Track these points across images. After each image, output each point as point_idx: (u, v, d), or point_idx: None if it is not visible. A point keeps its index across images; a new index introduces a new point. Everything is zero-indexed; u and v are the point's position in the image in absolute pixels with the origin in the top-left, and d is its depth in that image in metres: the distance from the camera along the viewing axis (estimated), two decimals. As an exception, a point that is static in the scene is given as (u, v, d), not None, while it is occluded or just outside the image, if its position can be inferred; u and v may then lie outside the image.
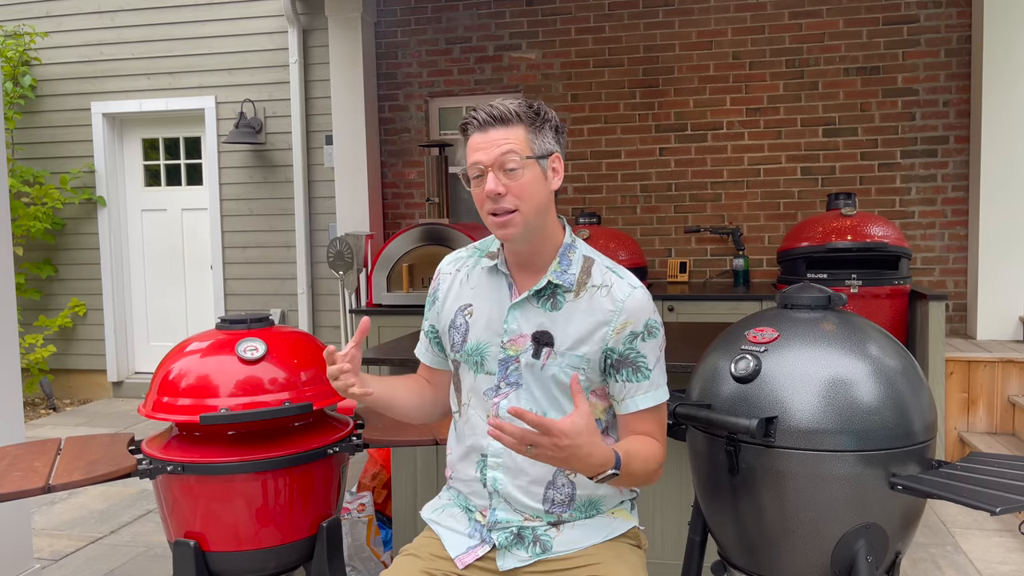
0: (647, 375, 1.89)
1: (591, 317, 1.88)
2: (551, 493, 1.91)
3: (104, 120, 7.65)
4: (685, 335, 3.68)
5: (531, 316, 1.91)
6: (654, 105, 6.72)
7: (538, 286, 1.90)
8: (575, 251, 1.95)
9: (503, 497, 1.93)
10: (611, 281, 1.91)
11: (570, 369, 1.87)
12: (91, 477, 2.30)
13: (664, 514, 3.28)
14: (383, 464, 4.09)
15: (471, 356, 1.96)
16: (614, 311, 1.87)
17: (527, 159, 1.82)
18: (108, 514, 4.71)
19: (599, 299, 1.89)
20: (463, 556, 1.94)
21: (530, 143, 1.84)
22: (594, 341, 1.87)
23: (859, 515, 1.93)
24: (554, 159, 1.88)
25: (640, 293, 1.90)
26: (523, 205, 1.83)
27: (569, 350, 1.87)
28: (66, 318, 7.64)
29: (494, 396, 1.93)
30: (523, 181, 1.82)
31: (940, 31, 6.21)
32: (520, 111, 1.84)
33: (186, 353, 2.48)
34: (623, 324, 1.87)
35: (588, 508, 1.95)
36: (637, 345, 1.88)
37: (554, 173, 1.88)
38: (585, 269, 1.92)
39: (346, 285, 6.18)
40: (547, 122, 1.87)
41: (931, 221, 6.31)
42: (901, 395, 1.95)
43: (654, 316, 1.90)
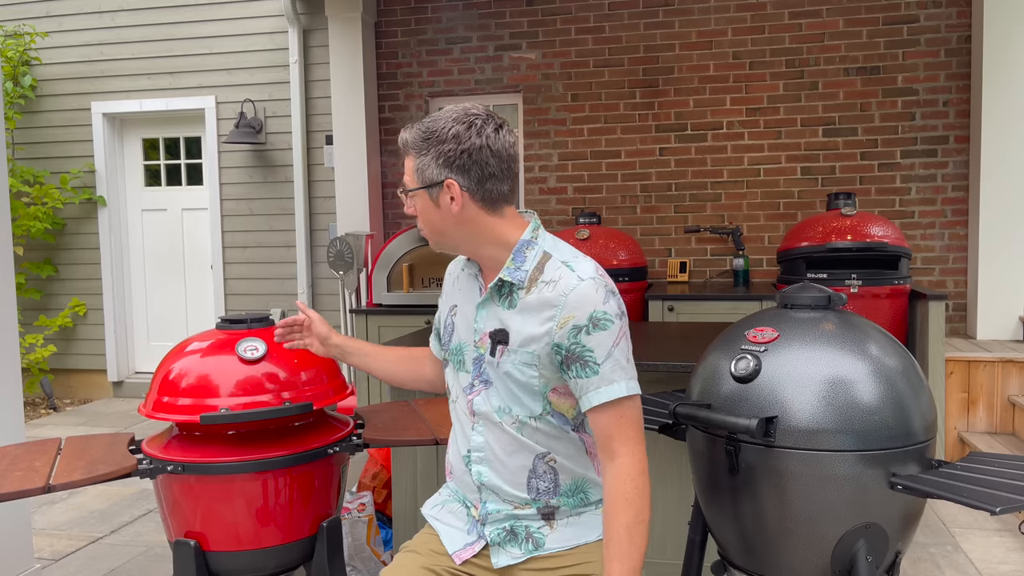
0: (596, 370, 1.81)
1: (539, 313, 1.85)
2: (534, 482, 1.93)
3: (104, 120, 7.65)
4: (685, 335, 3.68)
5: (493, 314, 1.93)
6: (654, 105, 6.72)
7: (492, 284, 1.92)
8: (533, 247, 1.91)
9: (491, 489, 1.96)
10: (560, 276, 1.86)
11: (522, 366, 1.87)
12: (91, 477, 2.30)
13: (664, 514, 3.28)
14: (383, 464, 4.09)
15: (455, 355, 2.01)
16: (557, 306, 1.83)
17: (414, 191, 1.90)
18: (108, 514, 4.71)
19: (545, 294, 1.85)
20: (460, 552, 1.98)
21: (417, 174, 1.88)
22: (540, 338, 1.85)
23: (859, 515, 1.93)
24: (446, 186, 1.85)
25: (586, 285, 1.83)
26: (424, 226, 1.94)
27: (520, 347, 1.87)
28: (66, 318, 7.64)
29: (469, 393, 1.97)
30: (418, 208, 1.92)
31: (940, 31, 6.21)
32: (410, 139, 1.88)
33: (186, 353, 2.48)
34: (566, 318, 1.82)
35: (575, 492, 1.96)
36: (582, 339, 1.81)
37: (451, 201, 1.86)
38: (539, 265, 1.89)
39: (346, 285, 6.18)
40: (432, 149, 1.85)
41: (931, 221, 6.31)
42: (901, 395, 1.95)
43: (602, 308, 1.82)
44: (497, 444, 1.93)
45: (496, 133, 1.85)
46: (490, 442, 1.94)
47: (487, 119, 1.85)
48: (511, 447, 1.91)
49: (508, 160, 1.87)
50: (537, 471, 1.93)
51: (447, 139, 1.83)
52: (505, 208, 1.91)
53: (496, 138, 1.84)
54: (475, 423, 1.96)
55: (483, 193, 1.86)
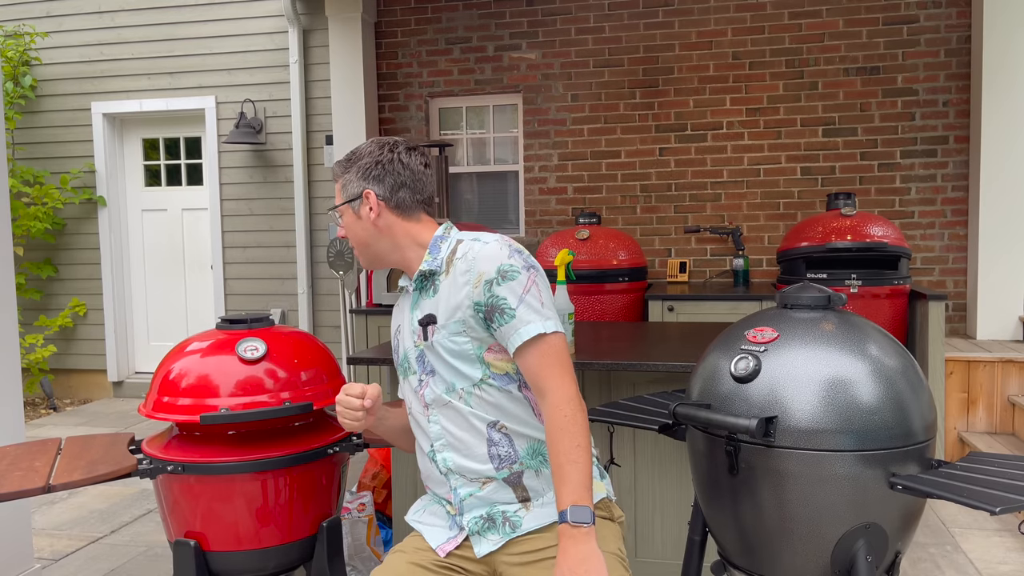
0: (512, 314, 1.96)
1: (456, 283, 2.02)
2: (494, 450, 2.02)
3: (104, 120, 7.65)
4: (685, 335, 3.68)
5: (424, 308, 2.08)
6: (654, 105, 6.72)
7: (415, 279, 2.10)
8: (447, 240, 2.10)
9: (457, 472, 2.05)
10: (468, 248, 2.03)
11: (453, 336, 2.01)
12: (91, 477, 2.30)
13: (664, 514, 3.28)
14: (383, 464, 4.09)
15: (402, 366, 2.16)
16: (468, 270, 2.00)
17: (339, 207, 2.13)
18: (108, 514, 4.71)
19: (459, 266, 2.03)
20: (443, 545, 2.06)
21: (342, 192, 2.13)
22: (462, 303, 2.00)
23: (859, 515, 1.93)
24: (365, 196, 2.09)
25: (491, 246, 2.01)
26: (354, 242, 2.14)
27: (448, 319, 2.02)
28: (66, 318, 7.64)
29: (420, 388, 2.09)
30: (345, 226, 2.14)
31: (940, 31, 6.22)
32: (338, 166, 2.14)
33: (186, 353, 2.48)
34: (479, 277, 1.98)
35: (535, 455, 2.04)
36: (495, 290, 1.97)
37: (370, 210, 2.09)
38: (453, 250, 2.07)
39: (346, 285, 6.18)
40: (353, 166, 2.12)
41: (931, 221, 6.31)
42: (901, 395, 1.95)
43: (508, 261, 1.98)
44: (452, 424, 2.04)
45: (408, 153, 2.11)
46: (445, 426, 2.05)
47: (402, 143, 2.13)
48: (463, 423, 2.02)
49: (419, 175, 2.11)
50: (493, 439, 2.02)
51: (364, 156, 2.12)
52: (420, 214, 2.13)
53: (407, 156, 2.11)
54: (429, 415, 2.07)
55: (396, 200, 2.09)
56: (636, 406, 2.59)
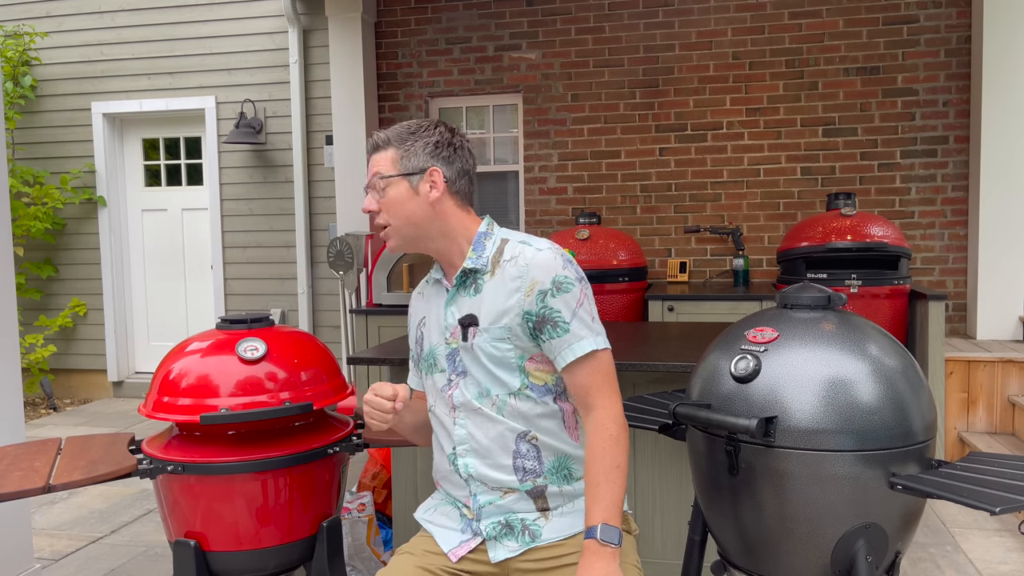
0: (566, 328, 1.94)
1: (504, 288, 1.97)
2: (519, 461, 1.99)
3: (104, 120, 7.65)
4: (685, 335, 3.68)
5: (462, 306, 2.02)
6: (654, 105, 6.72)
7: (457, 275, 2.03)
8: (491, 237, 2.05)
9: (478, 480, 2.00)
10: (519, 251, 2.00)
11: (496, 342, 1.97)
12: (91, 477, 2.30)
13: (664, 514, 3.28)
14: (383, 464, 4.09)
15: (427, 361, 2.09)
16: (520, 276, 1.96)
17: (392, 177, 1.99)
18: (108, 514, 4.71)
19: (508, 270, 1.98)
20: (455, 549, 2.01)
21: (398, 162, 1.99)
22: (511, 309, 1.96)
23: (859, 515, 1.93)
24: (430, 173, 1.99)
25: (544, 254, 1.97)
26: (392, 219, 2.00)
27: (491, 324, 1.97)
28: (66, 318, 7.64)
29: (448, 389, 2.03)
30: (390, 198, 1.99)
31: (940, 31, 6.22)
32: (392, 135, 2.01)
33: (186, 353, 2.48)
34: (531, 285, 1.94)
35: (559, 469, 2.01)
36: (548, 302, 1.94)
37: (432, 186, 1.99)
38: (499, 249, 2.02)
39: (346, 285, 6.18)
40: (419, 140, 2.01)
41: (931, 221, 6.31)
42: (901, 395, 1.95)
43: (563, 272, 1.95)
44: (479, 431, 1.99)
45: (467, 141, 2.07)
46: (472, 432, 2.00)
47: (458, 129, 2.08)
48: (493, 431, 1.98)
49: (475, 165, 2.08)
50: (520, 451, 1.99)
51: (430, 131, 2.02)
52: (469, 207, 2.07)
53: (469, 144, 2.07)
54: (456, 417, 2.02)
55: (458, 186, 2.03)
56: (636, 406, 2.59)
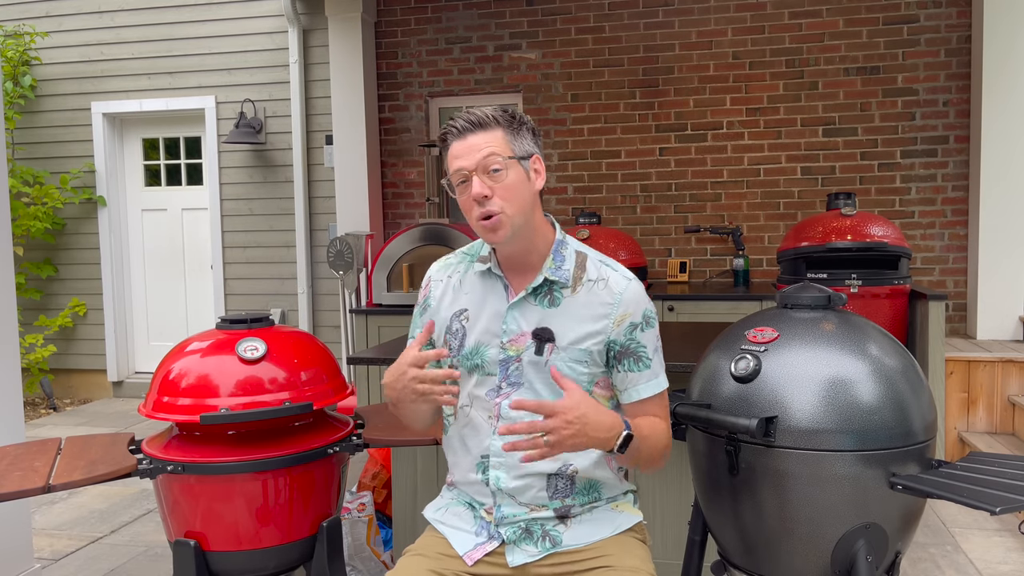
0: (648, 364, 1.94)
1: (590, 311, 1.92)
2: (554, 480, 1.94)
3: (104, 120, 7.65)
4: (685, 335, 3.68)
5: (530, 314, 1.94)
6: (654, 105, 6.72)
7: (535, 283, 1.93)
8: (567, 247, 1.99)
9: (507, 493, 1.95)
10: (606, 275, 1.95)
11: (572, 363, 1.90)
12: (91, 477, 2.30)
13: (664, 514, 3.28)
14: (383, 464, 4.09)
15: (470, 359, 1.98)
16: (612, 303, 1.92)
17: (509, 159, 1.86)
18: (108, 514, 4.71)
19: (597, 292, 1.93)
20: (472, 552, 1.96)
21: (510, 145, 1.87)
22: (596, 335, 1.91)
23: (859, 515, 1.93)
24: (535, 160, 1.92)
25: (636, 285, 1.95)
26: (508, 206, 1.85)
27: (571, 344, 1.91)
28: (66, 318, 7.64)
29: (495, 396, 1.95)
30: (507, 182, 1.85)
31: (940, 31, 6.21)
32: (497, 115, 1.89)
33: (186, 353, 2.48)
34: (622, 316, 1.91)
35: (589, 491, 1.98)
36: (637, 336, 1.92)
37: (536, 174, 1.92)
38: (579, 264, 1.96)
39: (346, 285, 6.18)
40: (523, 124, 1.92)
41: (931, 221, 6.31)
42: (901, 395, 1.95)
43: (649, 306, 1.96)
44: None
45: None
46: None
47: None
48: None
49: None
50: (558, 471, 1.94)
51: (528, 122, 1.94)
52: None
53: None
54: (496, 426, 1.94)
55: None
56: (636, 406, 2.59)
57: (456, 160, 1.87)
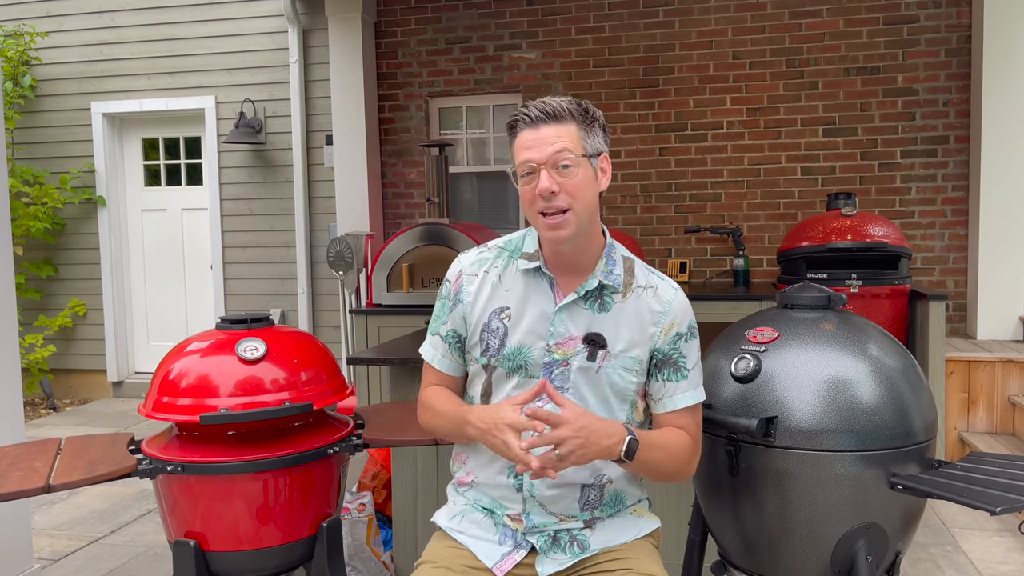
0: (686, 375, 1.91)
1: (639, 318, 1.89)
2: (587, 491, 1.91)
3: (104, 120, 7.65)
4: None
5: (579, 318, 1.88)
6: (654, 105, 6.72)
7: (588, 286, 1.88)
8: (616, 251, 1.96)
9: (539, 501, 1.90)
10: (655, 283, 1.93)
11: (623, 371, 1.88)
12: (91, 477, 2.30)
13: (664, 514, 3.28)
14: (383, 464, 4.09)
15: (511, 360, 1.90)
16: (662, 312, 1.90)
17: (580, 157, 1.80)
18: (108, 514, 4.71)
19: (647, 300, 1.90)
20: (501, 564, 1.90)
21: (582, 141, 1.82)
22: (643, 342, 1.89)
23: (859, 515, 1.93)
24: (603, 159, 1.88)
25: (681, 296, 1.94)
26: (576, 204, 1.80)
27: (623, 352, 1.88)
28: (66, 318, 7.64)
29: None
30: (576, 180, 1.80)
31: (940, 31, 6.21)
32: (571, 108, 1.82)
33: (186, 353, 2.48)
34: (670, 325, 1.90)
35: (615, 503, 1.96)
36: (680, 346, 1.90)
37: (603, 173, 1.88)
38: (628, 269, 1.93)
39: (346, 285, 6.18)
40: (596, 121, 1.86)
41: (931, 221, 6.31)
42: (901, 395, 1.95)
43: (694, 317, 1.94)
44: None
45: None
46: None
47: None
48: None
49: None
50: (592, 483, 1.91)
51: (600, 118, 1.88)
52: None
53: None
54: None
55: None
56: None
57: (525, 151, 1.81)
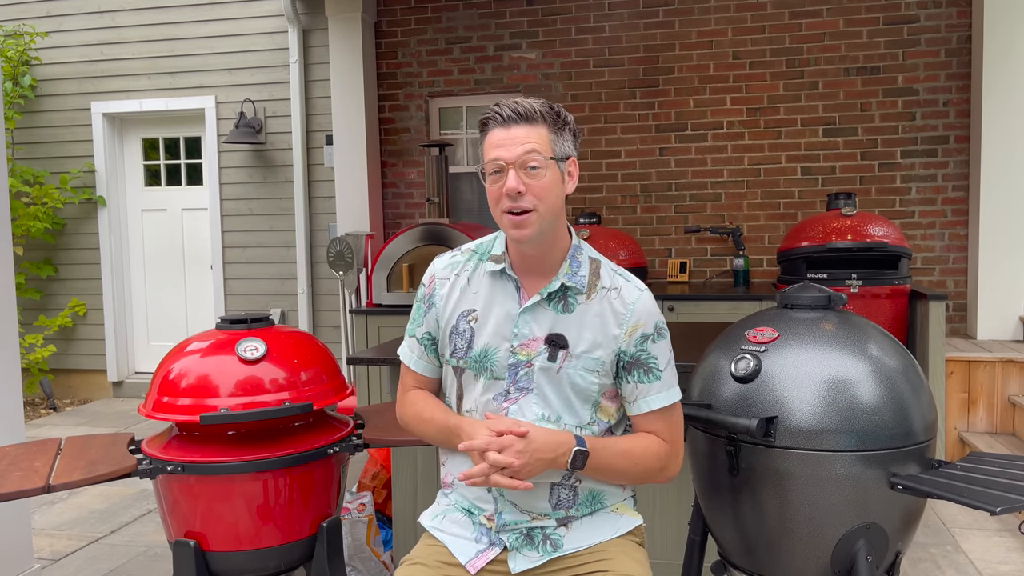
0: (658, 376, 1.90)
1: (603, 319, 1.90)
2: (557, 490, 1.92)
3: (104, 120, 7.65)
4: (685, 335, 3.68)
5: (542, 319, 1.91)
6: (654, 105, 6.72)
7: (551, 288, 1.90)
8: (582, 253, 1.96)
9: (509, 500, 1.93)
10: (619, 284, 1.93)
11: (585, 372, 1.89)
12: (91, 477, 2.30)
13: (664, 514, 3.28)
14: (383, 464, 4.09)
15: (478, 362, 1.94)
16: (625, 313, 1.90)
17: (548, 160, 1.83)
18: (108, 514, 4.71)
19: (610, 301, 1.91)
20: (474, 561, 1.93)
21: (551, 144, 1.84)
22: (607, 344, 1.89)
23: (859, 515, 1.93)
24: (571, 163, 1.90)
25: (648, 296, 1.94)
26: (541, 206, 1.83)
27: (584, 352, 1.89)
28: (66, 318, 7.64)
29: (503, 401, 1.92)
30: (543, 182, 1.82)
31: (940, 31, 6.21)
32: (543, 111, 1.85)
33: (186, 353, 2.48)
34: (634, 326, 1.89)
35: (592, 502, 1.95)
36: (648, 347, 1.90)
37: (569, 176, 1.90)
38: (594, 271, 1.94)
39: (346, 285, 6.18)
40: (567, 125, 1.88)
41: (931, 221, 6.31)
42: (901, 395, 1.95)
43: (661, 318, 1.93)
44: None
45: None
46: None
47: None
48: None
49: None
50: (561, 482, 1.92)
51: (571, 122, 1.90)
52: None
53: None
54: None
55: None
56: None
57: (495, 149, 1.83)
